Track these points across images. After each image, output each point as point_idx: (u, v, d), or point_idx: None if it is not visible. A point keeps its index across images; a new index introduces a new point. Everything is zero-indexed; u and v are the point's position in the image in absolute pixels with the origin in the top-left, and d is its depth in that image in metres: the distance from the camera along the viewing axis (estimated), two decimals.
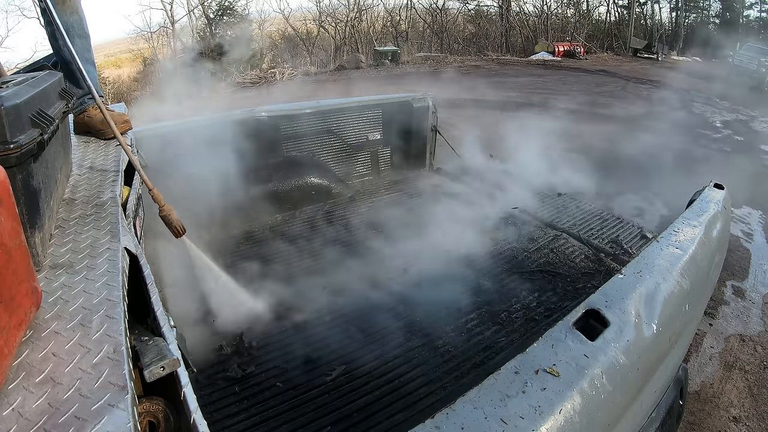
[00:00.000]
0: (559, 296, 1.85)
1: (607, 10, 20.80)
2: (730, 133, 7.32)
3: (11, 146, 0.74)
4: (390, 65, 14.51)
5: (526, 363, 0.84)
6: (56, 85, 1.15)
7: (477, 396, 0.77)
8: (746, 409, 2.09)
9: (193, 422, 0.60)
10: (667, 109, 8.64)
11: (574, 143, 5.33)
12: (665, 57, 18.19)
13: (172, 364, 0.65)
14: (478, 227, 2.39)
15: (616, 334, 0.93)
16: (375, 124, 3.08)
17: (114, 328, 0.65)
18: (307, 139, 2.82)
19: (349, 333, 1.66)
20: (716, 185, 1.68)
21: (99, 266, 0.80)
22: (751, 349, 2.47)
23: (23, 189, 0.77)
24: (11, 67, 1.61)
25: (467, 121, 6.25)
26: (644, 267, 1.14)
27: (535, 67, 14.71)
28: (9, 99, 0.76)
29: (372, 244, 2.25)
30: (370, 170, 3.15)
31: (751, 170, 5.18)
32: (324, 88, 10.30)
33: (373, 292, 1.88)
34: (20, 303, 0.60)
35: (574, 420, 0.77)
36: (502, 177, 2.98)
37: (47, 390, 0.55)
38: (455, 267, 2.03)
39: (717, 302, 2.84)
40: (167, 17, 16.01)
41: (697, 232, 1.34)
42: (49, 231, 0.89)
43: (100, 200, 1.08)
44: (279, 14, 18.30)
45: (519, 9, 19.92)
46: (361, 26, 18.70)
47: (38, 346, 0.62)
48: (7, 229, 0.58)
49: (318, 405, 1.36)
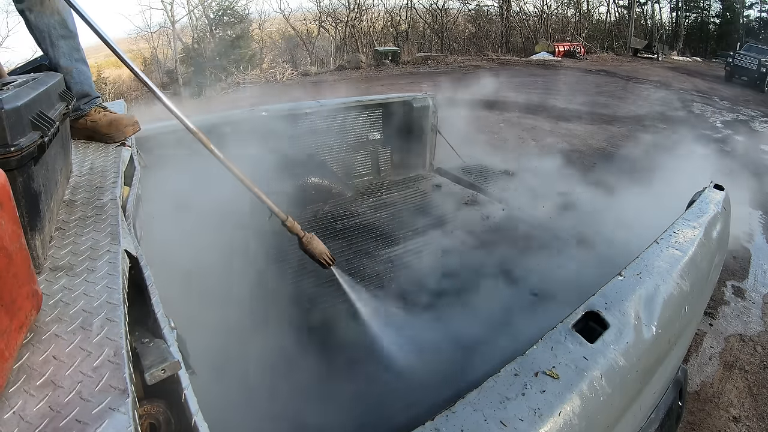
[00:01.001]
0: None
1: (607, 10, 20.82)
2: (730, 133, 7.32)
3: (12, 149, 0.73)
4: (390, 65, 14.51)
5: (525, 365, 0.84)
6: (56, 86, 1.15)
7: (476, 398, 0.77)
8: (746, 409, 2.09)
9: (194, 424, 0.60)
10: (667, 109, 8.64)
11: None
12: (665, 57, 18.21)
13: (172, 367, 0.65)
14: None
15: (615, 336, 0.93)
16: (375, 124, 3.08)
17: (114, 331, 0.65)
18: (307, 139, 2.82)
19: (348, 332, 1.66)
20: (716, 186, 1.68)
21: (99, 268, 0.80)
22: (751, 349, 2.48)
23: (24, 192, 0.77)
24: (11, 68, 1.59)
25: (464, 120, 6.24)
26: (644, 268, 1.14)
27: (535, 67, 14.71)
28: (9, 101, 0.76)
29: (372, 243, 2.25)
30: (370, 170, 3.15)
31: (752, 170, 5.18)
32: (320, 92, 10.25)
33: (372, 292, 1.88)
34: (21, 306, 0.60)
35: (574, 422, 0.78)
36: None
37: (48, 393, 0.55)
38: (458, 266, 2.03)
39: (717, 302, 2.84)
40: (167, 17, 16.02)
41: (697, 234, 1.34)
42: (49, 233, 0.89)
43: (100, 202, 1.08)
44: (279, 14, 18.32)
45: (519, 9, 19.93)
46: (361, 26, 18.69)
47: (39, 349, 0.62)
48: (8, 231, 0.58)
49: (316, 406, 1.36)
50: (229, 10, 16.21)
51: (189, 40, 16.09)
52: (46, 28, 1.40)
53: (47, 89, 1.02)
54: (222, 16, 16.11)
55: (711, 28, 20.81)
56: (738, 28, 19.45)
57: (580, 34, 19.10)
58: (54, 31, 1.42)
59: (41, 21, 1.39)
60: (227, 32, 16.16)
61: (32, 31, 1.41)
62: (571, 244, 2.27)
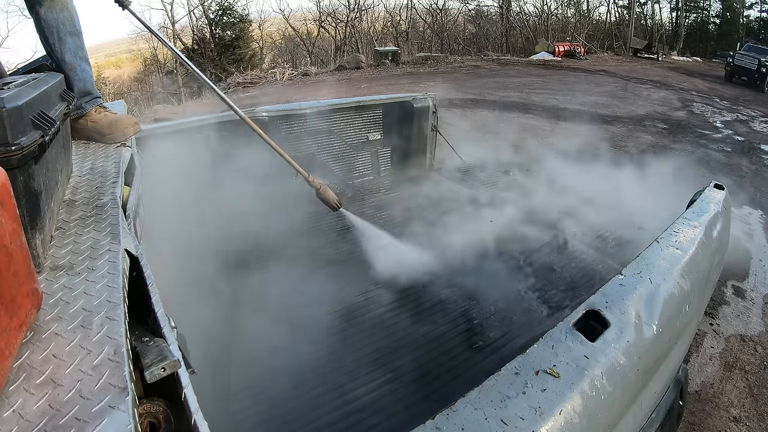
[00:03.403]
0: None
1: (607, 10, 20.84)
2: (730, 133, 7.33)
3: (12, 148, 0.73)
4: (390, 65, 14.52)
5: (526, 364, 0.84)
6: (57, 86, 1.15)
7: (477, 397, 0.77)
8: (746, 409, 2.09)
9: (194, 423, 0.60)
10: (667, 109, 8.64)
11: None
12: (665, 57, 18.21)
13: (172, 365, 0.65)
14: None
15: (616, 335, 0.93)
16: (375, 124, 3.08)
17: (114, 330, 0.65)
18: (308, 139, 2.83)
19: (348, 332, 1.66)
20: (716, 185, 1.68)
21: (99, 268, 0.80)
22: (752, 349, 2.47)
23: (24, 191, 0.77)
24: (11, 68, 1.58)
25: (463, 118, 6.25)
26: (644, 268, 1.14)
27: (536, 67, 14.71)
28: (11, 101, 0.76)
29: (372, 243, 2.25)
30: (371, 170, 3.15)
31: (752, 169, 5.18)
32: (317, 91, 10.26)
33: (373, 292, 1.88)
34: (21, 304, 0.60)
35: (574, 421, 0.78)
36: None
37: (48, 391, 0.55)
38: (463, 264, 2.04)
39: (717, 302, 2.84)
40: (167, 17, 16.04)
41: (698, 233, 1.34)
42: (49, 232, 0.89)
43: (100, 201, 1.08)
44: (279, 14, 18.34)
45: (519, 9, 19.95)
46: (361, 26, 18.72)
47: (39, 347, 0.62)
48: (8, 230, 0.58)
49: (316, 405, 1.36)
50: (228, 10, 16.24)
51: (189, 40, 16.10)
52: (55, 24, 1.41)
53: (48, 89, 1.03)
54: (222, 16, 16.13)
55: (711, 28, 20.82)
56: (738, 28, 19.47)
57: (580, 34, 19.12)
58: (63, 27, 1.43)
59: (50, 16, 1.40)
60: (227, 32, 16.18)
61: (40, 26, 1.42)
62: (572, 240, 2.27)
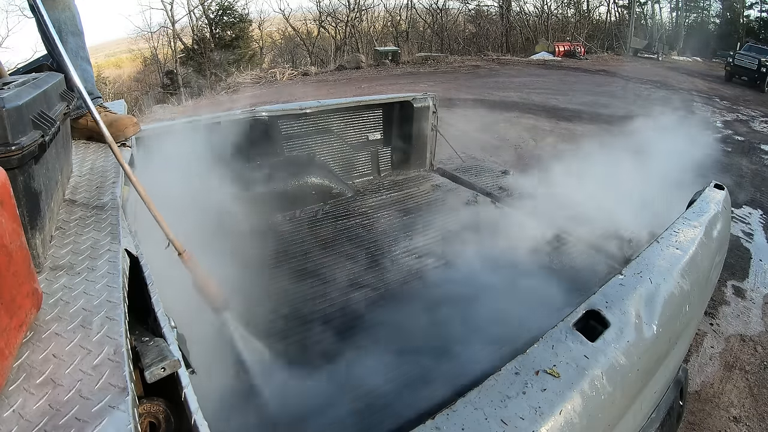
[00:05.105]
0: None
1: (607, 10, 20.84)
2: (730, 132, 7.33)
3: (13, 148, 0.73)
4: (390, 65, 14.52)
5: (526, 364, 0.84)
6: (57, 86, 1.15)
7: (477, 397, 0.77)
8: (746, 409, 2.09)
9: (194, 423, 0.60)
10: (668, 109, 8.63)
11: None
12: (665, 57, 18.21)
13: (172, 365, 0.65)
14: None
15: (616, 335, 0.93)
16: (375, 124, 3.08)
17: (114, 330, 0.65)
18: (308, 139, 2.83)
19: (347, 332, 1.66)
20: (716, 185, 1.68)
21: (99, 268, 0.80)
22: (752, 349, 2.47)
23: (24, 190, 0.77)
24: (11, 68, 1.58)
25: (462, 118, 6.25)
26: (644, 268, 1.13)
27: (536, 67, 14.71)
28: (11, 100, 0.76)
29: (372, 243, 2.25)
30: (371, 170, 3.15)
31: (752, 169, 5.18)
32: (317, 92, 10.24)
33: (372, 292, 1.88)
34: (21, 304, 0.60)
35: (574, 421, 0.78)
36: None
37: (48, 391, 0.55)
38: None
39: (717, 302, 2.84)
40: (167, 17, 16.04)
41: (698, 233, 1.34)
42: (49, 232, 0.89)
43: (100, 201, 1.08)
44: (279, 14, 18.34)
45: (519, 9, 19.96)
46: (361, 26, 18.72)
47: (39, 347, 0.62)
48: (8, 230, 0.58)
49: (315, 405, 1.36)
50: (228, 10, 16.24)
51: (189, 40, 16.10)
52: (56, 23, 1.41)
53: (48, 89, 1.03)
54: (222, 15, 16.13)
55: (711, 28, 20.81)
56: (738, 28, 19.46)
57: (580, 34, 19.11)
58: (64, 27, 1.44)
59: (52, 15, 1.39)
60: (227, 32, 16.18)
61: (40, 27, 1.41)
62: (570, 243, 2.27)
